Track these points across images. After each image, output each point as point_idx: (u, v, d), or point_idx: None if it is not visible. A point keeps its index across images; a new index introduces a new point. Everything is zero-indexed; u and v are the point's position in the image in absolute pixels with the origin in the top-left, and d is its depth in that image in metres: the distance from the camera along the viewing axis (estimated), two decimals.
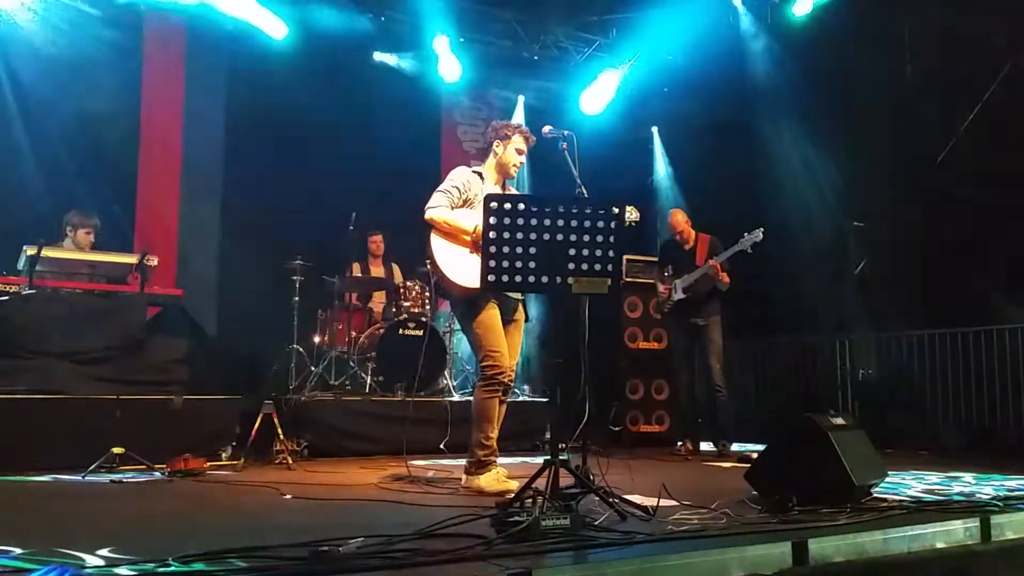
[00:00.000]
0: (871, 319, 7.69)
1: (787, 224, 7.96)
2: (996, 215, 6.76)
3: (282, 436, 5.66)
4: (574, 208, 3.29)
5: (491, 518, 3.07)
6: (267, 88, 8.25)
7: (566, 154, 4.31)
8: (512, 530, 2.78)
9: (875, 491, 3.85)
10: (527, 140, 4.60)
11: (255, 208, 8.22)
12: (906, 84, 7.26)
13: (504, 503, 3.36)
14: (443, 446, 6.32)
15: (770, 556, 2.67)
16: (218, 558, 2.47)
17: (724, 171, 8.43)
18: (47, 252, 5.72)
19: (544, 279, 3.28)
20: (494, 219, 3.23)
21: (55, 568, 2.16)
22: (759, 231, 6.34)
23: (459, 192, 4.46)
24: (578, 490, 3.40)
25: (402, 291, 7.67)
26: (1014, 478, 4.84)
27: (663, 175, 9.97)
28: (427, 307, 7.67)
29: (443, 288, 4.51)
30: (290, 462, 5.55)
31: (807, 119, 8.03)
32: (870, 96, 7.56)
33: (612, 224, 3.29)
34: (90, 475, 4.78)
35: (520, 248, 3.24)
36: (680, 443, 6.96)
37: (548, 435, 6.47)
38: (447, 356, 7.55)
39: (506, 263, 3.24)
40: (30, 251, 5.64)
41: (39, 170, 7.29)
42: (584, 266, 3.28)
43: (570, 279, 3.29)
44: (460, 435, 5.48)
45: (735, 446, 6.65)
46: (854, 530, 2.98)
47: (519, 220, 3.23)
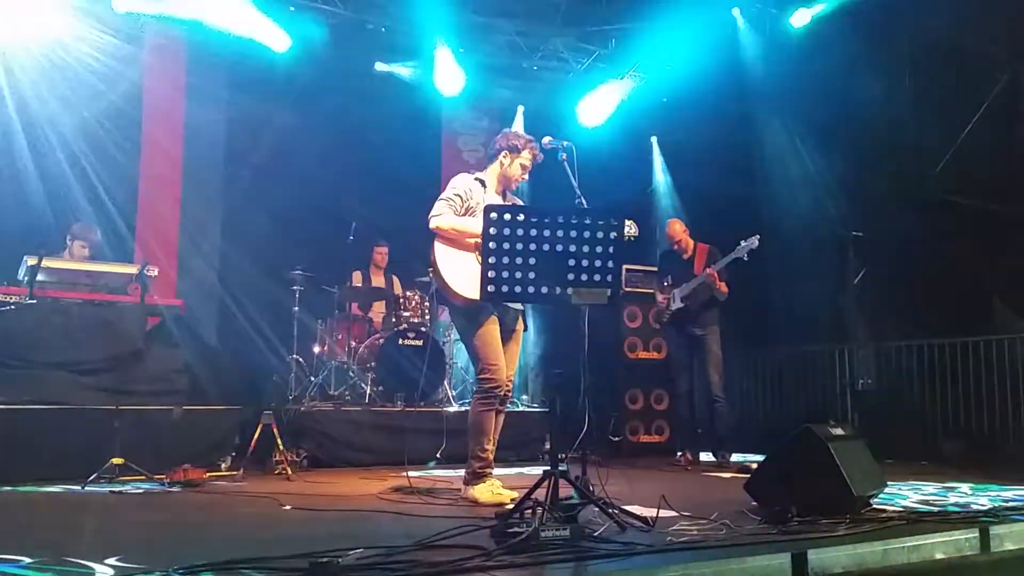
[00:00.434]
0: (871, 329, 7.69)
1: (787, 234, 7.98)
2: (996, 224, 6.78)
3: (281, 446, 5.66)
4: (574, 219, 3.30)
5: (491, 529, 3.08)
6: (268, 97, 8.27)
7: (565, 165, 4.31)
8: (511, 541, 2.79)
9: (873, 502, 3.85)
10: (535, 158, 4.58)
11: (255, 218, 8.22)
12: (905, 93, 7.28)
13: (504, 514, 3.36)
14: (439, 455, 6.30)
15: (769, 567, 2.68)
16: (225, 569, 2.48)
17: (723, 181, 8.44)
18: (47, 262, 5.73)
19: (544, 290, 3.30)
20: (494, 229, 3.24)
21: None
22: (755, 238, 6.36)
23: (461, 200, 4.46)
24: (578, 501, 3.40)
25: (402, 301, 7.69)
26: (1011, 488, 4.84)
27: (662, 185, 9.98)
28: (427, 317, 7.67)
29: (444, 296, 4.51)
30: (289, 473, 5.55)
31: (806, 129, 8.05)
32: (869, 105, 7.57)
33: (611, 235, 3.31)
34: (90, 486, 4.78)
35: (520, 259, 3.25)
36: (680, 453, 6.95)
37: (548, 445, 6.46)
38: (447, 366, 7.55)
39: (506, 274, 3.26)
40: (30, 261, 5.65)
41: (40, 180, 7.29)
42: (584, 276, 3.30)
43: (569, 290, 3.31)
44: (458, 445, 5.47)
45: (735, 456, 6.65)
46: (853, 541, 2.99)
47: (519, 231, 3.24)
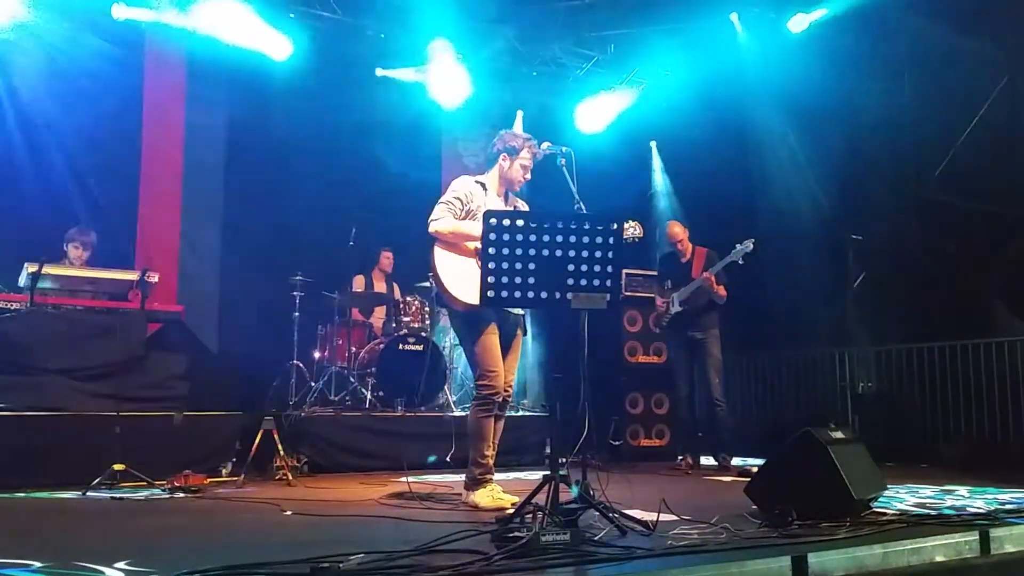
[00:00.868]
0: (871, 332, 7.69)
1: (786, 238, 8.00)
2: (995, 227, 6.79)
3: (282, 452, 5.66)
4: (573, 224, 3.30)
5: (491, 534, 3.08)
6: (268, 103, 8.27)
7: (564, 170, 4.32)
8: (512, 546, 2.79)
9: (873, 505, 3.85)
10: (533, 155, 4.55)
11: (256, 223, 8.22)
12: (903, 96, 7.29)
13: (504, 518, 3.36)
14: (448, 459, 6.27)
15: (770, 570, 2.68)
16: (230, 574, 2.49)
17: (723, 185, 8.46)
18: (48, 269, 5.73)
19: (543, 295, 3.30)
20: (493, 235, 3.25)
21: None
22: (749, 242, 6.38)
23: (462, 204, 4.44)
24: (578, 505, 3.40)
25: (402, 306, 7.69)
26: (1008, 491, 4.84)
27: (661, 189, 9.98)
28: (427, 322, 7.68)
29: (444, 301, 4.51)
30: (290, 478, 5.55)
31: (805, 133, 8.07)
32: (867, 109, 7.59)
33: (611, 240, 3.31)
34: (91, 492, 4.79)
35: (519, 264, 3.26)
36: (680, 457, 6.95)
37: (548, 450, 6.45)
38: (447, 371, 7.55)
39: (505, 279, 3.26)
40: (31, 268, 5.65)
41: (40, 187, 7.29)
42: (583, 281, 3.30)
43: (569, 295, 3.31)
44: (460, 449, 5.48)
45: (735, 460, 6.65)
46: (853, 544, 2.99)
47: (518, 236, 3.25)
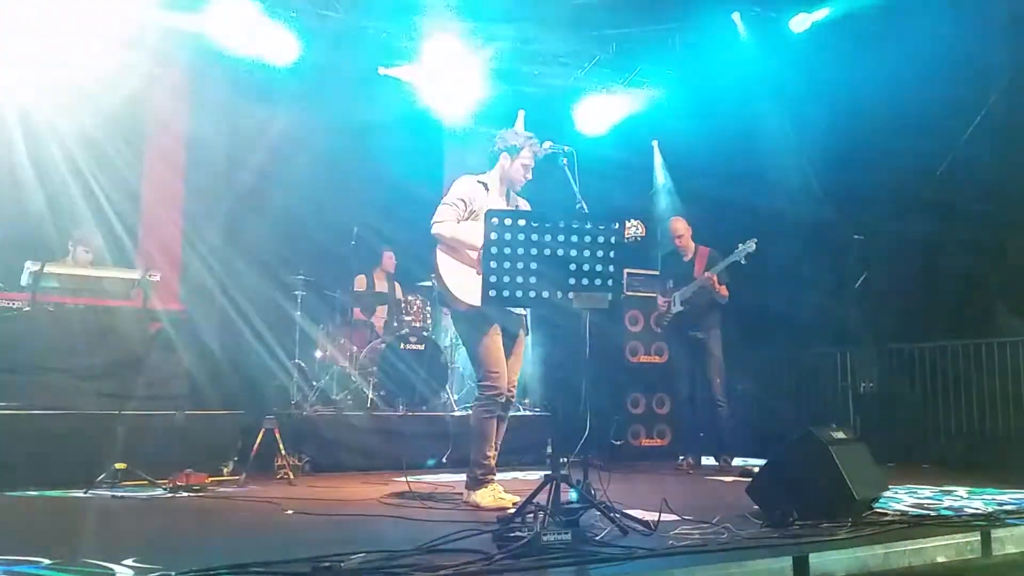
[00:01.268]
0: (872, 332, 7.68)
1: (789, 238, 7.98)
2: (997, 227, 6.78)
3: (284, 451, 5.67)
4: (575, 223, 3.31)
5: (492, 533, 3.08)
6: (270, 103, 8.27)
7: (566, 169, 4.32)
8: (513, 545, 2.79)
9: (875, 505, 3.84)
10: (534, 154, 4.54)
11: (257, 223, 8.22)
12: (905, 96, 7.27)
13: (506, 518, 3.36)
14: (444, 459, 6.29)
15: (771, 571, 2.68)
16: (233, 572, 2.49)
17: (724, 185, 8.44)
18: (50, 268, 5.75)
19: (545, 294, 3.31)
20: (495, 235, 3.25)
21: None
22: (752, 242, 6.38)
23: (465, 205, 4.44)
24: (579, 505, 3.40)
25: (403, 305, 7.69)
26: (1008, 491, 4.84)
27: (663, 188, 9.98)
28: (428, 321, 7.68)
29: (446, 301, 4.51)
30: (291, 477, 5.56)
31: (806, 132, 8.05)
32: (869, 109, 7.58)
33: (612, 239, 3.32)
34: (93, 490, 4.79)
35: (521, 263, 3.26)
36: (681, 457, 6.95)
37: (549, 449, 6.45)
38: (448, 371, 7.55)
39: (507, 278, 3.27)
40: (33, 267, 5.67)
41: (43, 187, 7.29)
42: (585, 281, 3.31)
43: (571, 294, 3.31)
44: (461, 449, 5.47)
45: (736, 460, 6.65)
46: (855, 544, 3.00)
47: (520, 236, 3.25)
